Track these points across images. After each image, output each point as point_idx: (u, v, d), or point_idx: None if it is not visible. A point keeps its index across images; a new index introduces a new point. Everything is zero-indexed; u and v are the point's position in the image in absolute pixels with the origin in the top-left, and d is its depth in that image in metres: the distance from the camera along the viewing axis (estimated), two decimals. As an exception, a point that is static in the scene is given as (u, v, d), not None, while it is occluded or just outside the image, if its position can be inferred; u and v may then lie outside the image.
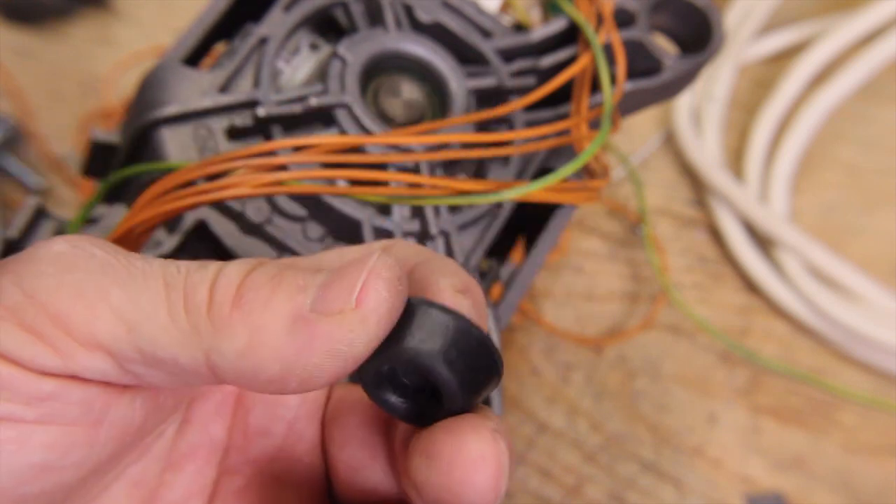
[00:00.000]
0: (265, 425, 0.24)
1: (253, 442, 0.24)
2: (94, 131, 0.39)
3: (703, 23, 0.38)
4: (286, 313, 0.19)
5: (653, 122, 0.57)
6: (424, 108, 0.37)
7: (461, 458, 0.19)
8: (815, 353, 0.51)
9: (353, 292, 0.19)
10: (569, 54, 0.38)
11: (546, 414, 0.49)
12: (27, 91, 0.53)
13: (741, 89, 0.58)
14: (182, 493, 0.24)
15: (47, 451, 0.19)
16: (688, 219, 0.55)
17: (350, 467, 0.23)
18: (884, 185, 0.56)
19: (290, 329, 0.19)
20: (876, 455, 0.49)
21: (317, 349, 0.19)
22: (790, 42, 0.59)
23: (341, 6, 0.38)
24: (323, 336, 0.19)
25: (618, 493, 0.47)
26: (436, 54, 0.37)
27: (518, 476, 0.47)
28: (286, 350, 0.19)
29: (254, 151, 0.32)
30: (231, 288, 0.19)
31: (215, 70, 0.36)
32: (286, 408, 0.24)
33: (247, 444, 0.24)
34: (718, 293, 0.53)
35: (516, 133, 0.35)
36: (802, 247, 0.51)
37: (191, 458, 0.24)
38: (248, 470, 0.24)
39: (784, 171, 0.54)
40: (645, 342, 0.51)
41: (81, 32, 0.56)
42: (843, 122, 0.57)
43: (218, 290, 0.19)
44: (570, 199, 0.36)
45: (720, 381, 0.50)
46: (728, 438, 0.49)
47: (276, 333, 0.19)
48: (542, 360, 0.50)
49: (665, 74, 0.38)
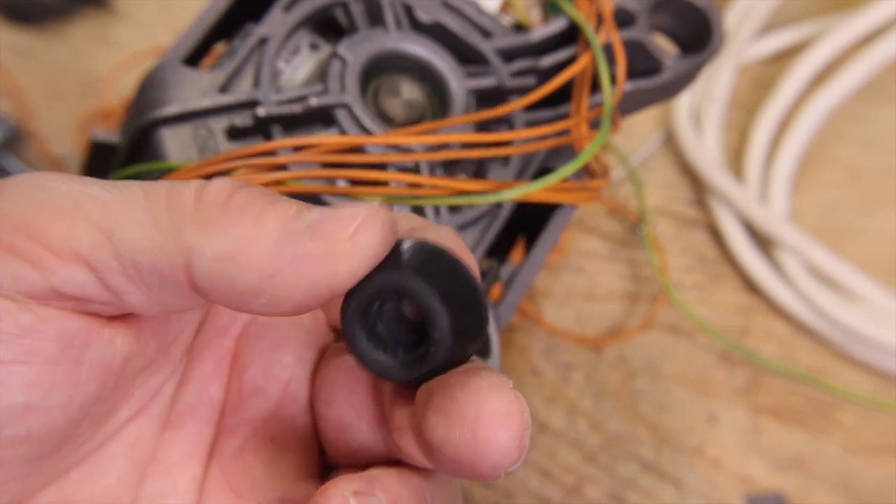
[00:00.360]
0: (260, 385, 0.24)
1: (248, 402, 0.24)
2: (94, 131, 0.39)
3: (703, 23, 0.38)
4: (278, 226, 0.19)
5: (653, 122, 0.57)
6: (424, 108, 0.37)
7: (485, 416, 0.18)
8: (815, 353, 0.51)
9: (352, 224, 0.19)
10: (569, 54, 0.38)
11: (546, 414, 0.49)
12: (27, 91, 0.53)
13: (741, 89, 0.58)
14: (181, 453, 0.23)
15: (29, 391, 0.19)
16: (688, 219, 0.55)
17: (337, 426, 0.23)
18: (884, 185, 0.56)
19: (278, 241, 0.18)
20: (876, 455, 0.49)
21: (300, 269, 0.18)
22: (790, 42, 0.59)
23: (341, 6, 0.38)
24: (310, 257, 0.18)
25: (618, 493, 0.47)
26: (436, 54, 0.37)
27: (518, 476, 0.47)
28: (269, 262, 0.18)
29: (254, 151, 0.32)
30: (223, 192, 0.19)
31: (215, 70, 0.36)
32: (281, 367, 0.24)
33: (242, 404, 0.24)
34: (718, 293, 0.53)
35: (516, 133, 0.35)
36: (802, 247, 0.51)
37: (189, 418, 0.24)
38: (244, 431, 0.24)
39: (784, 171, 0.54)
40: (645, 342, 0.51)
41: (81, 32, 0.56)
42: (843, 122, 0.57)
43: (208, 193, 0.19)
44: (570, 199, 0.36)
45: (720, 381, 0.50)
46: (728, 438, 0.49)
47: (263, 242, 0.18)
48: (542, 360, 0.50)
49: (665, 74, 0.38)
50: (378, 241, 0.19)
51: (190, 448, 0.24)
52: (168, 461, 0.23)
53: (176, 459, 0.23)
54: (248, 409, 0.24)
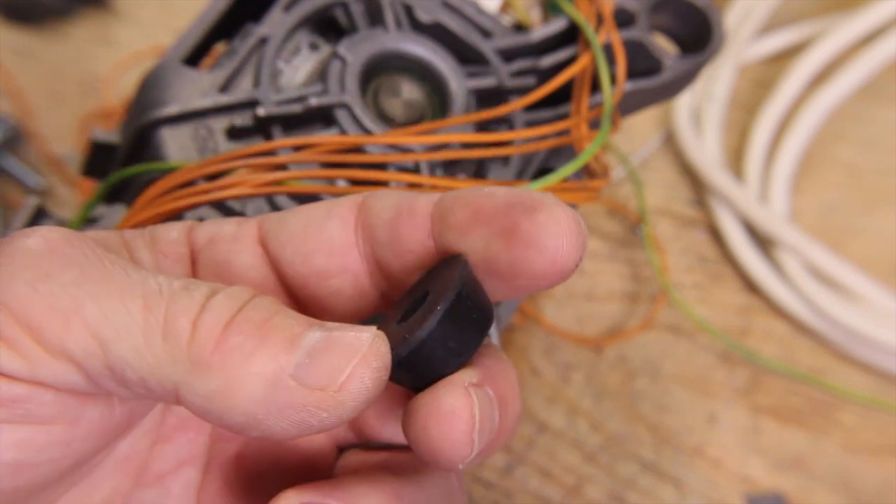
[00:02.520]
0: None
1: None
2: (94, 131, 0.39)
3: (703, 23, 0.38)
4: (267, 374, 0.19)
5: (653, 122, 0.57)
6: (424, 108, 0.37)
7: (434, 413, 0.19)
8: (815, 353, 0.51)
9: (341, 375, 0.19)
10: (569, 54, 0.38)
11: (546, 414, 0.49)
12: (27, 91, 0.53)
13: (741, 89, 0.58)
14: (174, 462, 0.24)
15: (20, 450, 0.19)
16: (688, 219, 0.55)
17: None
18: (884, 185, 0.56)
19: (266, 390, 0.19)
20: (876, 455, 0.49)
21: (286, 416, 0.19)
22: (790, 42, 0.59)
23: (341, 6, 0.38)
24: (297, 407, 0.19)
25: (618, 493, 0.47)
26: (436, 54, 0.37)
27: (518, 476, 0.47)
28: (257, 408, 0.19)
29: (254, 151, 0.32)
30: (216, 328, 0.19)
31: (215, 70, 0.36)
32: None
33: None
34: (718, 293, 0.53)
35: (516, 133, 0.35)
36: (802, 247, 0.51)
37: (181, 430, 0.24)
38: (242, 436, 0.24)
39: (784, 171, 0.54)
40: (645, 342, 0.51)
41: (81, 32, 0.56)
42: (843, 122, 0.57)
43: (202, 326, 0.19)
44: (570, 199, 0.36)
45: (720, 381, 0.50)
46: (728, 438, 0.49)
47: (251, 390, 0.18)
48: (542, 360, 0.50)
49: (665, 74, 0.38)
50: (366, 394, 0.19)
51: (183, 456, 0.24)
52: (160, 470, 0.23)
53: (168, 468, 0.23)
54: None
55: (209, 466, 0.24)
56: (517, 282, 0.20)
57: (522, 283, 0.20)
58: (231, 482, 0.24)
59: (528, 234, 0.19)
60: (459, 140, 0.34)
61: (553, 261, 0.19)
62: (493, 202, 0.20)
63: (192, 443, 0.24)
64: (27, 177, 0.50)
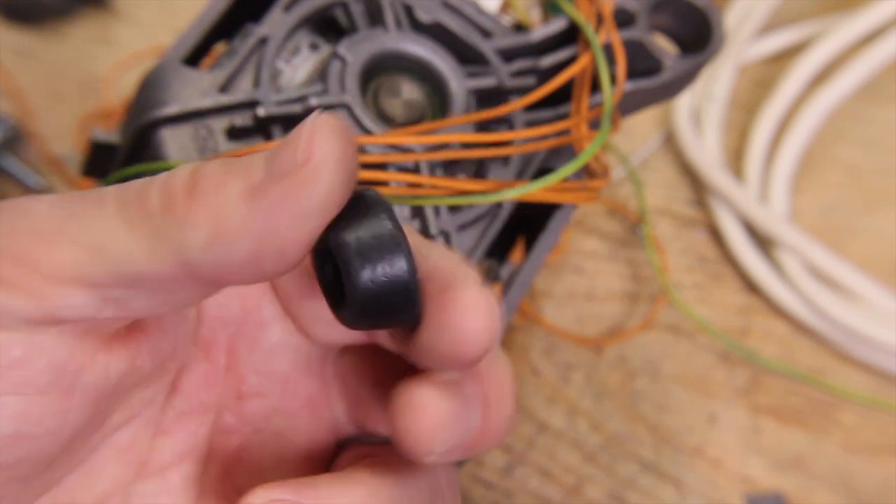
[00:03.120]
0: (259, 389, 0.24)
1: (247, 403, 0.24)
2: (94, 131, 0.39)
3: (703, 23, 0.38)
4: (242, 188, 0.19)
5: (653, 122, 0.57)
6: (424, 108, 0.37)
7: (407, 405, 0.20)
8: (815, 353, 0.51)
9: (301, 148, 0.19)
10: (569, 54, 0.38)
11: (546, 414, 0.49)
12: (27, 91, 0.53)
13: (741, 89, 0.58)
14: (173, 455, 0.24)
15: (18, 421, 0.19)
16: (688, 219, 0.55)
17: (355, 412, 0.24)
18: (884, 185, 0.56)
19: (249, 201, 0.18)
20: (876, 455, 0.49)
21: (281, 213, 0.18)
22: (790, 42, 0.59)
23: (341, 6, 0.38)
24: (282, 198, 0.18)
25: (618, 493, 0.47)
26: (436, 54, 0.37)
27: (518, 476, 0.47)
28: (251, 223, 0.18)
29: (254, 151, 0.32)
30: (182, 181, 0.19)
31: (215, 70, 0.36)
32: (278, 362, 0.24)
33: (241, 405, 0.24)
34: (718, 293, 0.53)
35: (516, 133, 0.35)
36: (802, 247, 0.51)
37: (181, 423, 0.24)
38: (245, 429, 0.24)
39: (784, 171, 0.54)
40: (645, 342, 0.51)
41: (81, 32, 0.56)
42: (843, 122, 0.57)
43: (170, 187, 0.19)
44: (570, 199, 0.36)
45: (720, 381, 0.50)
46: (728, 438, 0.49)
47: (236, 209, 0.18)
48: (542, 360, 0.50)
49: (665, 74, 0.38)
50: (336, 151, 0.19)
51: (183, 449, 0.24)
52: (160, 463, 0.23)
53: (168, 461, 0.23)
54: (248, 409, 0.24)
55: (209, 460, 0.24)
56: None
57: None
58: (231, 476, 0.24)
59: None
60: (459, 140, 0.34)
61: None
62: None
63: (192, 436, 0.24)
64: (27, 177, 0.50)
